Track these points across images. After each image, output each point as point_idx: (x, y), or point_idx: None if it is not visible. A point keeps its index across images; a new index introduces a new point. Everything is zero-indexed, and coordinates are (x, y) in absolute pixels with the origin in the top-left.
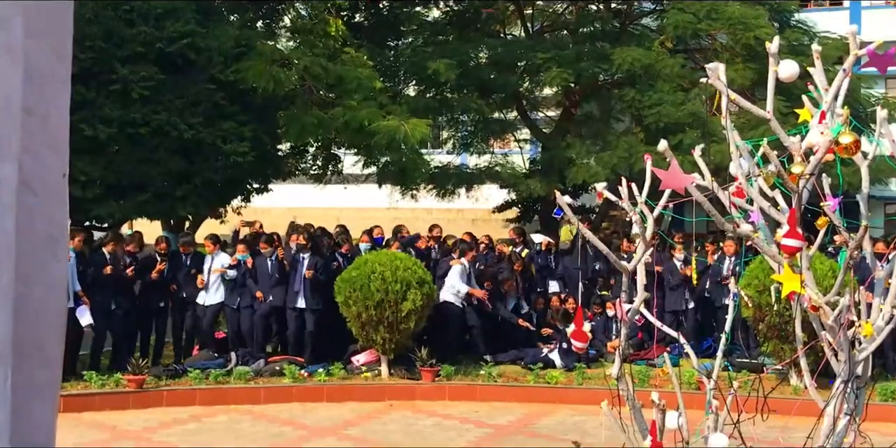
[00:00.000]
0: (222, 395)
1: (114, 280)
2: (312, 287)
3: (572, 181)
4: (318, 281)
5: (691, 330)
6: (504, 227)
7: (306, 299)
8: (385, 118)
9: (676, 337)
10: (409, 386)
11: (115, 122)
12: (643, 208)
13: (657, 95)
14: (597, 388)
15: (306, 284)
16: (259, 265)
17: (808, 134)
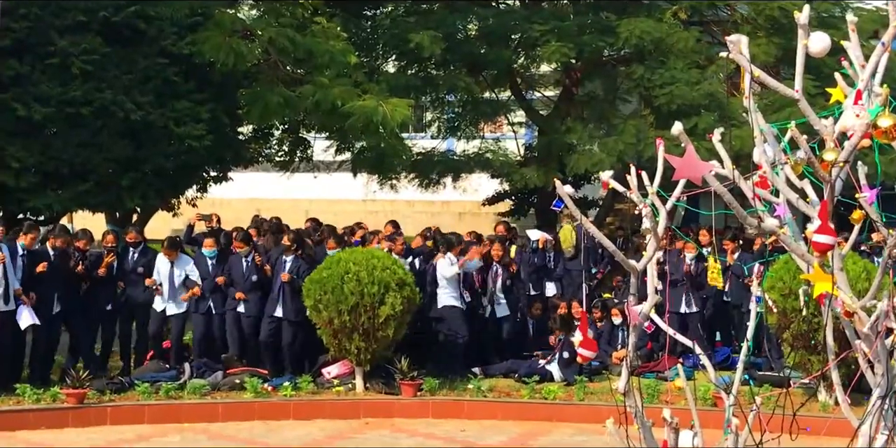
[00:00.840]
0: (174, 412)
1: (57, 279)
2: (292, 294)
3: (573, 170)
4: (297, 286)
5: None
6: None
7: (284, 308)
8: (361, 98)
9: (691, 346)
10: (387, 401)
11: (53, 101)
12: (654, 200)
13: (669, 73)
14: (600, 405)
15: (285, 291)
16: (234, 265)
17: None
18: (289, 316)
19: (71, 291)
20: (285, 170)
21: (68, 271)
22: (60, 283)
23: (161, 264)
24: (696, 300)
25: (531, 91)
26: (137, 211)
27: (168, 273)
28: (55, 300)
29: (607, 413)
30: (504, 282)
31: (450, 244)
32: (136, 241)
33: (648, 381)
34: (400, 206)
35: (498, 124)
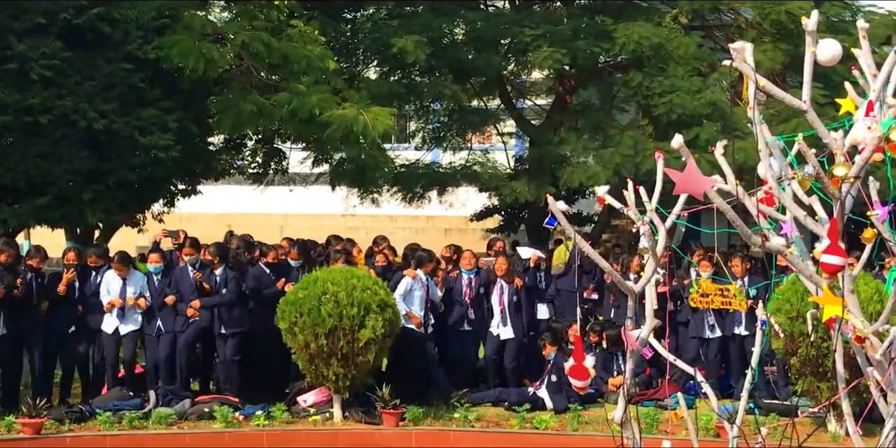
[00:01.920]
0: (138, 443)
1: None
2: (228, 307)
3: (567, 183)
4: (206, 292)
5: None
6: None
7: (223, 322)
8: (340, 106)
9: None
10: (368, 432)
11: (10, 109)
12: (653, 217)
13: (669, 81)
14: (596, 435)
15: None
16: (181, 278)
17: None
18: (229, 329)
19: (26, 312)
20: (259, 183)
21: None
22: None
23: (112, 281)
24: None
25: (522, 99)
26: (100, 227)
27: (119, 290)
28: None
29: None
30: (511, 299)
31: (420, 261)
32: (98, 265)
33: (647, 409)
34: (382, 221)
35: (486, 135)
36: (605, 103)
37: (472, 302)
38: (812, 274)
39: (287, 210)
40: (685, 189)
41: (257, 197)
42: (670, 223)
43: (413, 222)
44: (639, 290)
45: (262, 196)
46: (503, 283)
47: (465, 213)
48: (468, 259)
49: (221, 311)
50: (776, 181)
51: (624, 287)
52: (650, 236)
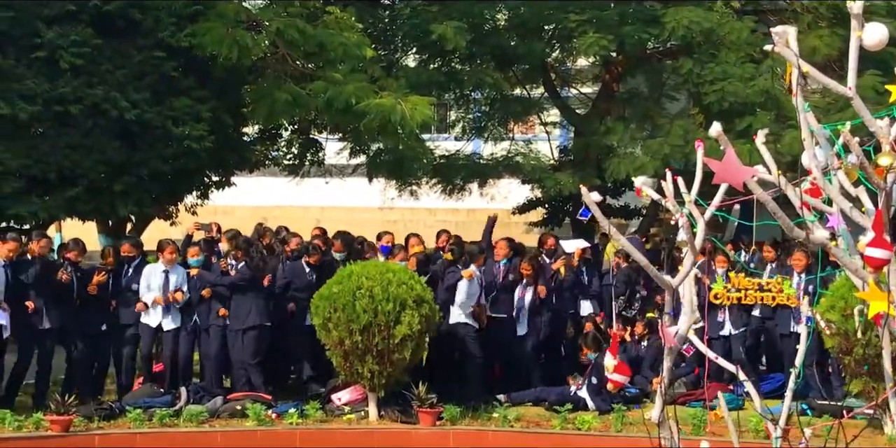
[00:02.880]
0: (168, 441)
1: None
2: (238, 301)
3: (613, 175)
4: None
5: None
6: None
7: (232, 317)
8: (377, 95)
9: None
10: (404, 431)
11: (40, 99)
12: (692, 208)
13: (720, 68)
14: (639, 437)
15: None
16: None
17: None
18: (234, 325)
19: (63, 308)
20: (294, 174)
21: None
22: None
23: (153, 275)
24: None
25: (566, 87)
26: (132, 219)
27: (161, 284)
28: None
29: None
30: (534, 301)
31: (472, 256)
32: (132, 255)
33: (694, 410)
34: (420, 214)
35: (529, 124)
36: (654, 91)
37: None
38: (858, 268)
39: (323, 202)
40: (724, 179)
41: (293, 189)
42: (709, 215)
43: (453, 215)
44: (676, 284)
45: (297, 188)
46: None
47: (507, 206)
48: (501, 248)
49: (231, 308)
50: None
51: (661, 282)
52: (688, 228)
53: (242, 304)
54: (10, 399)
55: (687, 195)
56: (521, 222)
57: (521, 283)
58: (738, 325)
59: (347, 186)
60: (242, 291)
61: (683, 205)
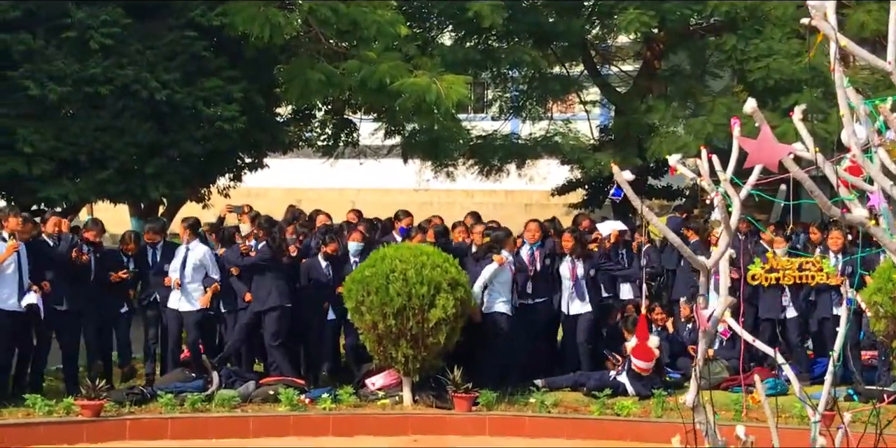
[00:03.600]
0: (201, 427)
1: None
2: (257, 281)
3: (654, 154)
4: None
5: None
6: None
7: (260, 301)
8: (412, 74)
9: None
10: (439, 416)
11: (69, 80)
12: (727, 187)
13: (765, 44)
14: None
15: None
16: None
17: None
18: (255, 306)
19: (81, 289)
20: (328, 156)
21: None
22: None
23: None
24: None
25: (607, 65)
26: (163, 202)
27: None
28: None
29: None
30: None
31: (498, 241)
32: (155, 241)
33: (736, 395)
34: (457, 196)
35: (568, 103)
36: (697, 68)
37: (536, 275)
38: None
39: (358, 184)
40: (759, 159)
41: (327, 171)
42: (745, 193)
43: (491, 197)
44: (711, 265)
45: (332, 170)
46: (572, 259)
47: (546, 188)
48: (532, 231)
49: (253, 288)
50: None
51: (696, 263)
52: (723, 208)
53: (263, 285)
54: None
55: (722, 173)
56: (560, 204)
57: (564, 259)
58: (800, 309)
59: (382, 168)
60: (262, 272)
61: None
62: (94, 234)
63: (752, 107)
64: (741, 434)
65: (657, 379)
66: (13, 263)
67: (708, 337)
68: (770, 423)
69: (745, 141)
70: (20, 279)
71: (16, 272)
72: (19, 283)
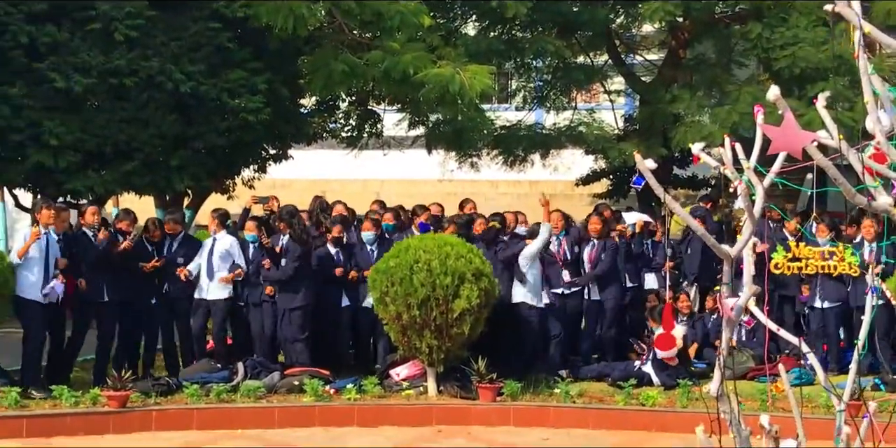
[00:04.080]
0: (226, 417)
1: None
2: (285, 280)
3: (679, 144)
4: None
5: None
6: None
7: (280, 295)
8: (436, 64)
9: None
10: (463, 407)
11: (95, 71)
12: (750, 175)
13: (791, 32)
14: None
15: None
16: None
17: None
18: (283, 303)
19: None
20: (353, 147)
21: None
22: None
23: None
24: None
25: (631, 55)
26: (188, 193)
27: (209, 251)
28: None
29: None
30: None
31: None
32: (176, 232)
33: (762, 385)
34: (482, 186)
35: (593, 93)
36: (722, 57)
37: (565, 264)
38: None
39: (382, 175)
40: (782, 146)
41: (351, 162)
42: (769, 181)
43: (515, 187)
44: (735, 253)
45: (356, 161)
46: (595, 241)
47: (571, 178)
48: (556, 220)
49: (279, 285)
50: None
51: (719, 251)
52: (746, 196)
53: (292, 283)
54: (66, 374)
55: (745, 161)
56: (585, 194)
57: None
58: (832, 298)
59: (406, 159)
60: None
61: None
62: (127, 224)
63: (774, 94)
64: (765, 423)
65: (682, 369)
66: (40, 252)
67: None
68: (794, 412)
69: (767, 128)
70: (46, 269)
71: (42, 261)
72: (45, 273)
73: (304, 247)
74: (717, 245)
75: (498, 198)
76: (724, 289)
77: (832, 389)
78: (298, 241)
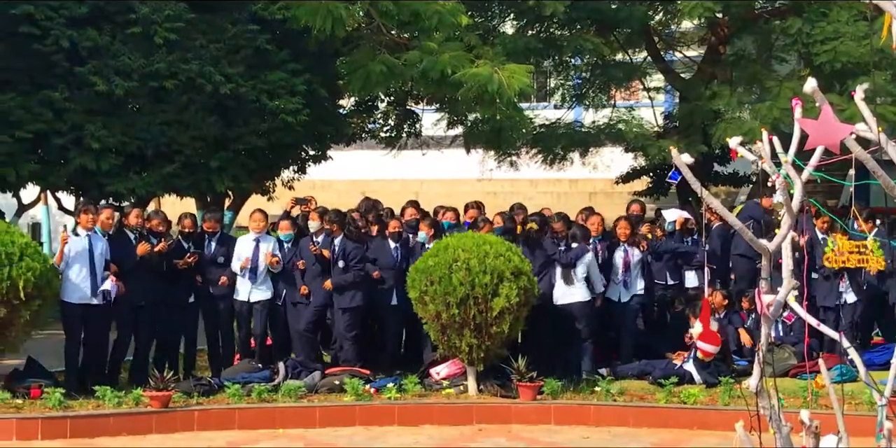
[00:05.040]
0: (268, 417)
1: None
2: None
3: (719, 141)
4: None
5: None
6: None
7: (336, 296)
8: (474, 64)
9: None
10: (503, 406)
11: (135, 75)
12: (789, 169)
13: (832, 27)
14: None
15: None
16: (304, 248)
17: None
18: (340, 303)
19: (156, 281)
20: (392, 147)
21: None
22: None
23: (243, 246)
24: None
25: (670, 51)
26: (229, 195)
27: (252, 253)
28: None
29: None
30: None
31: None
32: (214, 230)
33: (804, 382)
34: (521, 185)
35: (632, 90)
36: (762, 53)
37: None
38: None
39: (422, 175)
40: (820, 140)
41: (391, 162)
42: (807, 175)
43: (555, 186)
44: (773, 248)
45: (395, 161)
46: (626, 247)
47: (611, 176)
48: (596, 225)
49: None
50: None
51: (757, 246)
52: (785, 190)
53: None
54: (114, 376)
55: (783, 155)
56: (625, 192)
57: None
58: (860, 293)
59: (446, 158)
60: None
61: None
62: (158, 222)
63: (811, 86)
64: (805, 419)
65: (724, 367)
66: (82, 257)
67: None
68: (835, 408)
69: (805, 122)
70: (91, 271)
71: (85, 265)
72: (91, 276)
73: (362, 247)
74: (755, 239)
75: (537, 196)
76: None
77: (873, 385)
78: (356, 241)
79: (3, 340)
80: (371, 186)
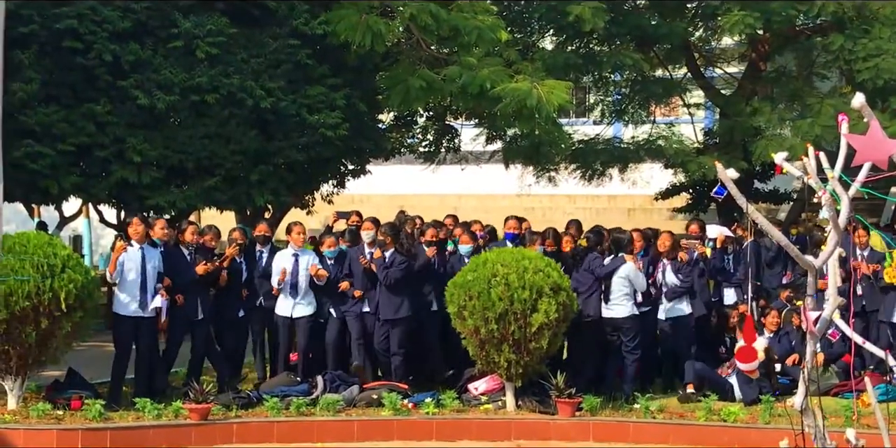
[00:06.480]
0: (306, 430)
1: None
2: (389, 289)
3: (760, 158)
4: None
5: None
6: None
7: (381, 304)
8: (513, 79)
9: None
10: (542, 422)
11: (177, 89)
12: (835, 185)
13: (874, 43)
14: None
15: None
16: (354, 259)
17: None
18: (386, 314)
19: (208, 295)
20: (430, 162)
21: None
22: (202, 286)
23: (281, 261)
24: None
25: (711, 68)
26: (269, 208)
27: (293, 269)
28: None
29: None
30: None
31: (621, 245)
32: (267, 234)
33: (847, 401)
34: (560, 201)
35: (672, 106)
36: (803, 70)
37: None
38: None
39: (460, 190)
40: (867, 156)
41: (429, 177)
42: (854, 191)
43: (593, 202)
44: (819, 265)
45: (433, 176)
46: (666, 261)
47: (650, 192)
48: (637, 240)
49: (381, 297)
50: None
51: (803, 262)
52: (831, 206)
53: (395, 295)
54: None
55: (830, 171)
56: (664, 208)
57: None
58: None
59: (484, 173)
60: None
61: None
62: (211, 237)
63: (860, 102)
64: (851, 437)
65: (767, 384)
66: (135, 269)
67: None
68: (881, 427)
69: (852, 137)
70: (143, 284)
71: (138, 278)
72: (142, 289)
73: (411, 259)
74: (801, 256)
75: (576, 212)
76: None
77: None
78: (406, 255)
79: (44, 352)
80: (409, 201)
